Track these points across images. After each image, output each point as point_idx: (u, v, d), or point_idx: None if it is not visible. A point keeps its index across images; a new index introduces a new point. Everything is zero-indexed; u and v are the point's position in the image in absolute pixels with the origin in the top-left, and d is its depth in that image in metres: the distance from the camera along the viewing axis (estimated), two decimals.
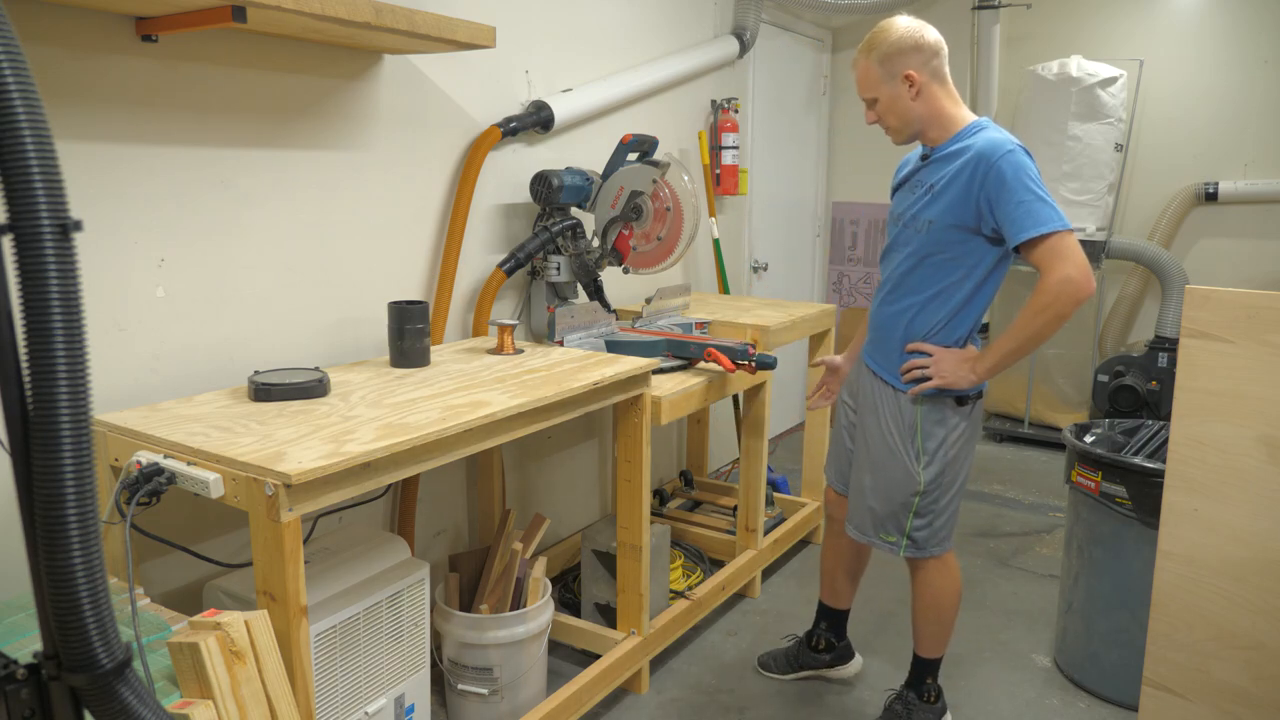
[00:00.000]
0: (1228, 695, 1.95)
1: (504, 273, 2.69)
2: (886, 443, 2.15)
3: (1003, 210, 1.92)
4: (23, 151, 0.78)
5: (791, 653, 2.62)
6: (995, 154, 1.92)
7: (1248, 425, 1.84)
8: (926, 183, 2.07)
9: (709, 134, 3.86)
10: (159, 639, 1.50)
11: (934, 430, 2.10)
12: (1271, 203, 4.63)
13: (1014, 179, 1.90)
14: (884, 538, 2.20)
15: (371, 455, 1.58)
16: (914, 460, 2.12)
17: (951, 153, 2.02)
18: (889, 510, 2.17)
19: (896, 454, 2.13)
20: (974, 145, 1.98)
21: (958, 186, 1.98)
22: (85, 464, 0.84)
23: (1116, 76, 4.38)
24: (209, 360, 2.07)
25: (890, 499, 2.16)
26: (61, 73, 1.75)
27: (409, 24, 1.99)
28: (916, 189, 2.10)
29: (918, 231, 2.07)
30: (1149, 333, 4.85)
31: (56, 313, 0.80)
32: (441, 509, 2.73)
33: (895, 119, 2.06)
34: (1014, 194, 1.90)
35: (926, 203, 2.05)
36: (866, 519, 2.22)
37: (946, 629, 2.30)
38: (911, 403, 2.11)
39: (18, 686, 0.91)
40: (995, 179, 1.92)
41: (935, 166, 2.06)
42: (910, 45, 2.03)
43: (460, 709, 2.30)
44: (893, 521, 2.18)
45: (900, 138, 2.10)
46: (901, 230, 2.13)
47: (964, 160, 1.98)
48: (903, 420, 2.12)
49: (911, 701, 2.34)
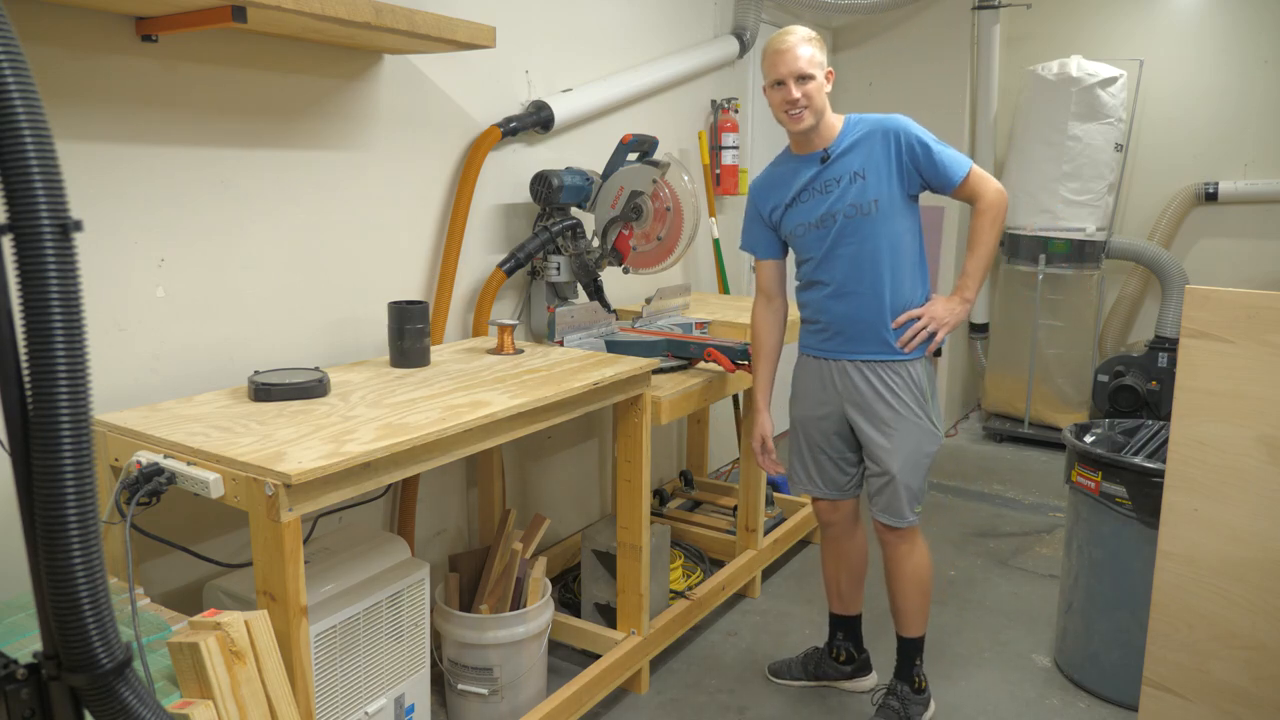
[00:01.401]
0: (1228, 695, 1.95)
1: (504, 273, 2.69)
2: (908, 416, 2.23)
3: (930, 165, 2.19)
4: (23, 151, 0.78)
5: (810, 661, 2.59)
6: (896, 125, 2.19)
7: (1248, 425, 1.84)
8: (842, 176, 2.20)
9: (709, 134, 3.86)
10: (159, 639, 1.50)
11: (933, 383, 2.30)
12: (1271, 203, 4.63)
13: (924, 138, 2.19)
14: (916, 510, 2.29)
15: (371, 455, 1.58)
16: (932, 418, 2.27)
17: (854, 141, 2.21)
18: (920, 480, 2.28)
19: (920, 421, 2.24)
20: (873, 125, 2.20)
21: (882, 162, 2.18)
22: (85, 464, 0.84)
23: (1116, 76, 4.38)
24: (209, 360, 2.07)
25: (918, 467, 2.26)
26: (61, 73, 1.75)
27: (409, 24, 1.99)
28: (830, 188, 2.22)
29: (865, 215, 2.19)
30: (1149, 333, 4.85)
31: (56, 313, 0.80)
32: (441, 509, 2.73)
33: (820, 102, 2.18)
34: (932, 150, 2.18)
35: (860, 188, 2.19)
36: (901, 499, 2.26)
37: (928, 601, 2.38)
38: (918, 365, 2.24)
39: (18, 686, 0.91)
40: (914, 143, 2.18)
41: (843, 160, 2.21)
42: (826, 52, 2.23)
43: (460, 709, 2.30)
44: (922, 490, 2.29)
45: (809, 121, 2.18)
46: (845, 223, 2.21)
47: (876, 139, 2.19)
48: (914, 387, 2.24)
49: (906, 695, 2.36)
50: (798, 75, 2.13)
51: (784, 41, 2.16)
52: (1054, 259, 4.58)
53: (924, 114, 4.83)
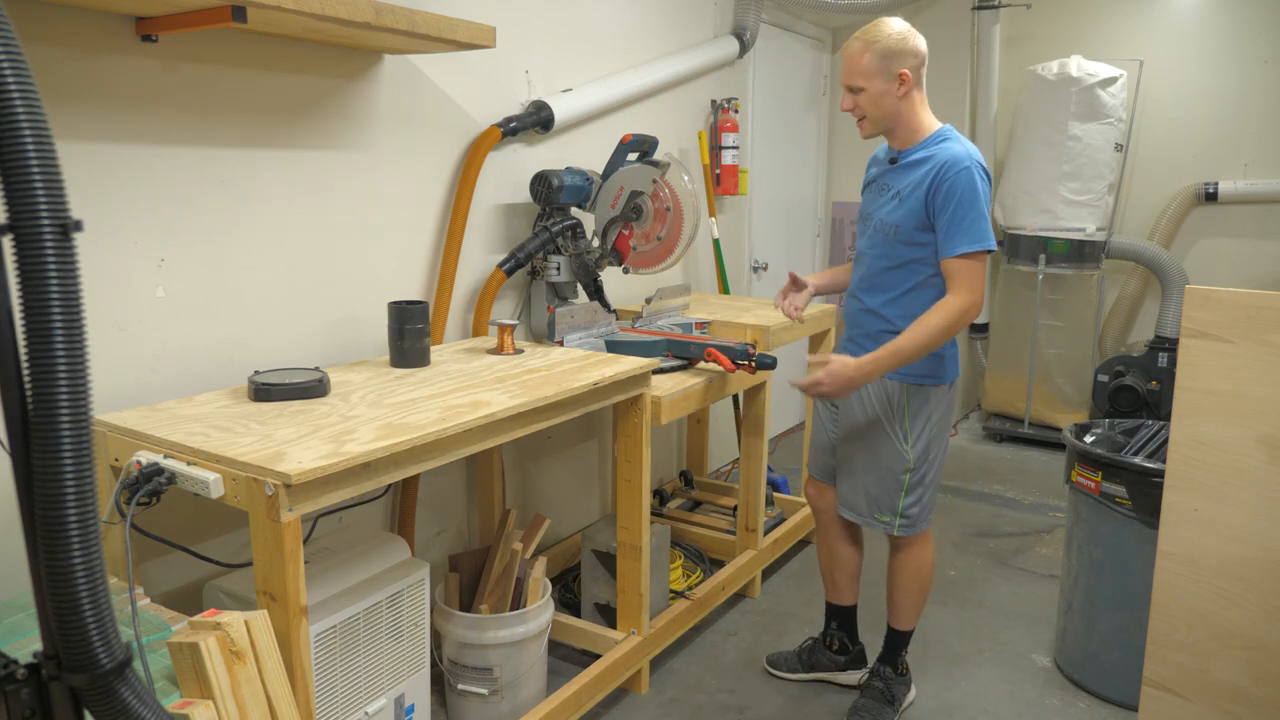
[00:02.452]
0: (1228, 695, 1.95)
1: (504, 273, 2.69)
2: (876, 428, 2.28)
3: (943, 218, 2.08)
4: (23, 151, 0.78)
5: (805, 652, 2.63)
6: (955, 167, 2.07)
7: (1248, 425, 1.84)
8: (894, 187, 2.20)
9: (709, 134, 3.86)
10: (159, 639, 1.50)
11: (919, 410, 2.25)
12: (1271, 203, 4.63)
13: (963, 193, 2.05)
14: (878, 517, 2.31)
15: (371, 455, 1.58)
16: (902, 440, 2.26)
17: (917, 159, 2.15)
18: (882, 490, 2.29)
19: (887, 436, 2.27)
20: (937, 155, 2.11)
21: (920, 192, 2.12)
22: (85, 464, 0.84)
23: (1116, 76, 4.38)
24: (209, 360, 2.07)
25: (883, 479, 2.28)
26: (61, 73, 1.75)
27: (409, 24, 1.99)
28: (883, 192, 2.23)
29: (885, 235, 2.20)
30: (1149, 333, 4.85)
31: (56, 313, 0.80)
32: (441, 509, 2.73)
33: (877, 112, 2.14)
34: (958, 208, 2.06)
35: (893, 207, 2.18)
36: (861, 500, 2.33)
37: (924, 599, 2.43)
38: (896, 386, 2.24)
39: (18, 686, 0.91)
40: (947, 189, 2.07)
41: (902, 172, 2.19)
42: (909, 48, 2.12)
43: (460, 709, 2.30)
44: (886, 501, 2.29)
45: (871, 130, 2.18)
46: (872, 233, 2.25)
47: (927, 168, 2.11)
48: (890, 405, 2.26)
49: (889, 676, 2.43)
50: (847, 86, 2.14)
51: (847, 47, 2.14)
52: (1054, 259, 4.59)
53: None
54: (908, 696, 2.46)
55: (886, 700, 2.38)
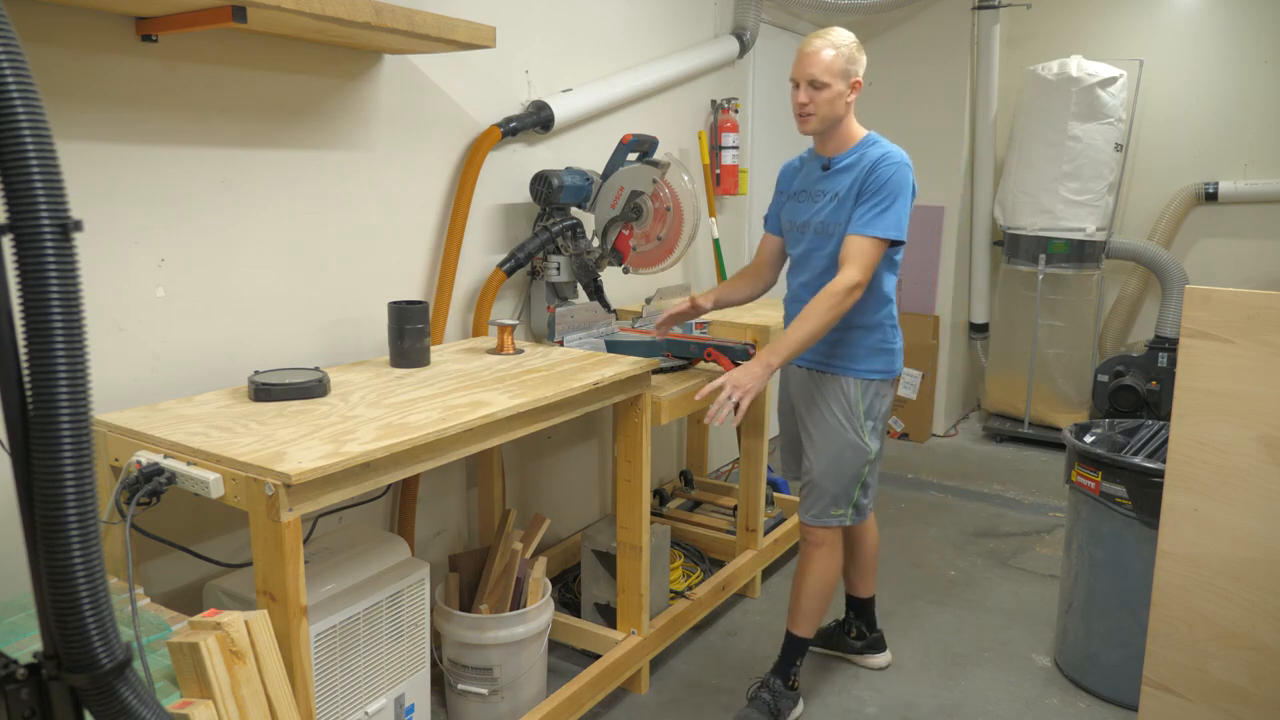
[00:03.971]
0: (1228, 695, 1.95)
1: (504, 273, 2.69)
2: (834, 425, 2.31)
3: (866, 201, 2.16)
4: (23, 151, 0.78)
5: (825, 631, 2.71)
6: (888, 160, 2.18)
7: (1248, 425, 1.84)
8: (829, 192, 2.26)
9: (709, 134, 3.86)
10: (159, 639, 1.49)
11: (874, 404, 2.32)
12: (1271, 203, 4.63)
13: (892, 184, 2.15)
14: (834, 513, 2.34)
15: (371, 455, 1.58)
16: (860, 434, 2.30)
17: (850, 163, 2.23)
18: (842, 487, 2.32)
19: (845, 432, 2.30)
20: (869, 154, 2.21)
21: (855, 188, 2.20)
22: (85, 464, 0.84)
23: (1116, 76, 4.38)
24: (209, 360, 2.07)
25: (842, 476, 2.31)
26: (62, 73, 1.75)
27: (409, 24, 1.99)
28: (818, 199, 2.29)
29: (830, 237, 2.25)
30: (1149, 333, 4.86)
31: (56, 313, 0.80)
32: (441, 509, 2.73)
33: (828, 111, 2.20)
34: (884, 195, 2.15)
35: (832, 209, 2.24)
36: (820, 501, 2.34)
37: (826, 606, 2.43)
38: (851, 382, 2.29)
39: (18, 686, 0.91)
40: (878, 177, 2.16)
41: (837, 176, 2.25)
42: (861, 58, 2.23)
43: (460, 709, 2.30)
44: (844, 496, 2.33)
45: (816, 127, 2.22)
46: (812, 236, 2.30)
47: (860, 168, 2.20)
48: (847, 400, 2.30)
49: (778, 689, 2.39)
50: (809, 80, 2.17)
51: (810, 44, 2.20)
52: (1054, 259, 4.59)
53: (924, 114, 4.86)
54: (793, 712, 2.40)
55: (770, 714, 2.34)
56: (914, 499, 4.07)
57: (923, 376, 4.89)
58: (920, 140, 4.85)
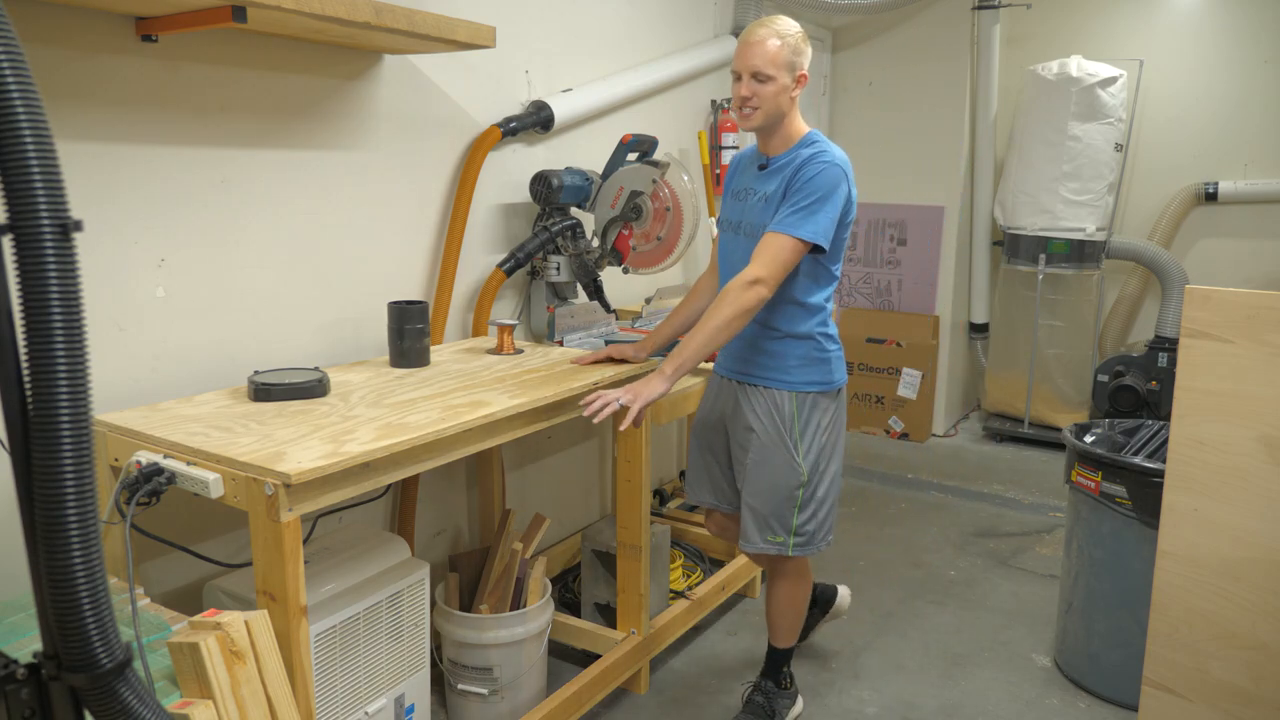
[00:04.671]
0: (1228, 695, 1.95)
1: (504, 273, 2.69)
2: (765, 441, 2.15)
3: (791, 199, 2.01)
4: (23, 151, 0.78)
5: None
6: (819, 159, 2.03)
7: (1248, 425, 1.84)
8: (760, 191, 2.12)
9: (709, 134, 3.86)
10: (159, 639, 1.49)
11: (810, 417, 2.14)
12: (1271, 203, 4.63)
13: (820, 184, 1.99)
14: (770, 539, 2.18)
15: (371, 455, 1.58)
16: (794, 451, 2.14)
17: (786, 163, 2.08)
18: (773, 508, 2.16)
19: (777, 448, 2.14)
20: (802, 154, 2.06)
21: (781, 190, 2.05)
22: (85, 464, 0.84)
23: (1116, 76, 4.38)
24: (209, 360, 2.07)
25: (774, 496, 2.15)
26: (62, 73, 1.75)
27: (409, 24, 1.99)
28: (749, 197, 2.15)
29: (754, 241, 2.08)
30: (1149, 333, 4.85)
31: (56, 313, 0.80)
32: (441, 509, 2.73)
33: (772, 106, 2.04)
34: (809, 194, 1.99)
35: (761, 209, 2.09)
36: (751, 524, 2.19)
37: (800, 619, 2.38)
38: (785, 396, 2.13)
39: (18, 686, 0.91)
40: (806, 176, 2.01)
41: (770, 176, 2.11)
42: (807, 50, 2.07)
43: (460, 709, 2.30)
44: (778, 520, 2.17)
45: (760, 122, 2.06)
46: (744, 239, 2.13)
47: (791, 167, 2.06)
48: (779, 414, 2.14)
49: (770, 690, 2.37)
50: (753, 72, 2.01)
51: (754, 33, 2.02)
52: (1054, 259, 4.58)
53: (924, 114, 4.86)
54: (792, 710, 2.39)
55: (766, 715, 2.33)
56: (914, 499, 4.07)
57: (923, 376, 4.89)
58: (920, 140, 4.85)
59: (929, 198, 4.88)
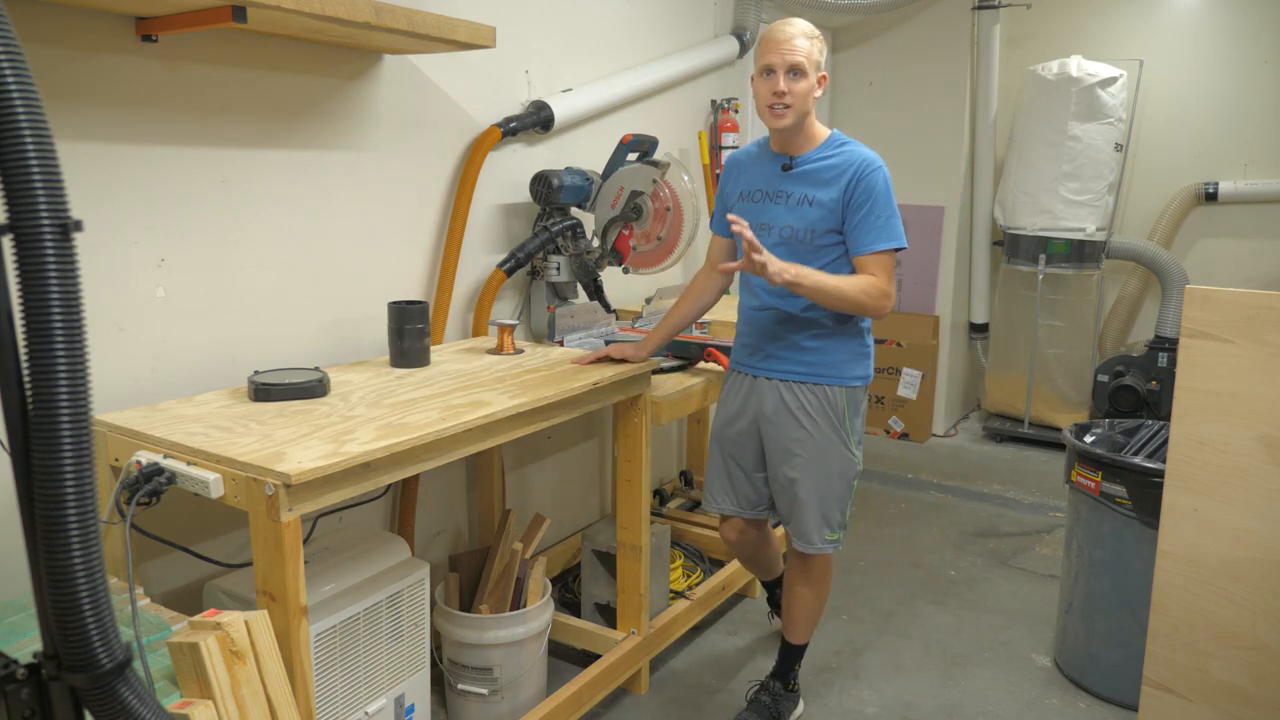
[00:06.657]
0: (1228, 695, 1.95)
1: (504, 273, 2.69)
2: (819, 438, 2.17)
3: (858, 215, 2.05)
4: (23, 151, 0.78)
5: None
6: (870, 166, 2.06)
7: (1248, 425, 1.84)
8: (796, 193, 2.12)
9: (709, 134, 3.86)
10: (159, 639, 1.49)
11: (858, 409, 2.22)
12: (1271, 203, 4.63)
13: (879, 192, 2.05)
14: (829, 538, 2.22)
15: (371, 455, 1.58)
16: (848, 445, 2.20)
17: (821, 166, 2.10)
18: (835, 501, 2.20)
19: (835, 445, 2.18)
20: (847, 156, 2.08)
21: (834, 193, 2.07)
22: (85, 464, 0.84)
23: (1116, 76, 4.38)
24: (209, 360, 2.07)
25: (835, 493, 2.20)
26: (62, 73, 1.75)
27: (409, 24, 1.99)
28: (782, 199, 2.14)
29: (801, 242, 2.11)
30: (1149, 333, 4.85)
31: (56, 313, 0.80)
32: (441, 509, 2.73)
33: (803, 105, 2.05)
34: (875, 205, 2.04)
35: (804, 211, 2.10)
36: (813, 526, 2.20)
37: (820, 614, 2.40)
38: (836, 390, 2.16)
39: (18, 686, 0.91)
40: (865, 187, 2.05)
41: (803, 177, 2.12)
42: (827, 54, 2.11)
43: (460, 709, 2.30)
44: (837, 516, 2.22)
45: (791, 121, 2.06)
46: (778, 240, 2.12)
47: (839, 171, 2.08)
48: (832, 411, 2.17)
49: (778, 692, 2.37)
50: (789, 67, 2.00)
51: (783, 31, 2.03)
52: (1054, 259, 4.59)
53: (924, 114, 4.86)
54: (794, 711, 2.39)
55: (771, 715, 2.33)
56: (914, 499, 4.07)
57: (923, 376, 4.89)
58: (920, 140, 4.85)
59: (929, 198, 4.88)
